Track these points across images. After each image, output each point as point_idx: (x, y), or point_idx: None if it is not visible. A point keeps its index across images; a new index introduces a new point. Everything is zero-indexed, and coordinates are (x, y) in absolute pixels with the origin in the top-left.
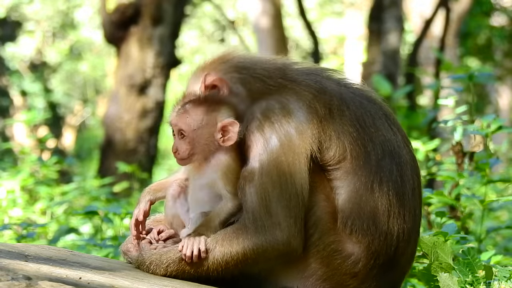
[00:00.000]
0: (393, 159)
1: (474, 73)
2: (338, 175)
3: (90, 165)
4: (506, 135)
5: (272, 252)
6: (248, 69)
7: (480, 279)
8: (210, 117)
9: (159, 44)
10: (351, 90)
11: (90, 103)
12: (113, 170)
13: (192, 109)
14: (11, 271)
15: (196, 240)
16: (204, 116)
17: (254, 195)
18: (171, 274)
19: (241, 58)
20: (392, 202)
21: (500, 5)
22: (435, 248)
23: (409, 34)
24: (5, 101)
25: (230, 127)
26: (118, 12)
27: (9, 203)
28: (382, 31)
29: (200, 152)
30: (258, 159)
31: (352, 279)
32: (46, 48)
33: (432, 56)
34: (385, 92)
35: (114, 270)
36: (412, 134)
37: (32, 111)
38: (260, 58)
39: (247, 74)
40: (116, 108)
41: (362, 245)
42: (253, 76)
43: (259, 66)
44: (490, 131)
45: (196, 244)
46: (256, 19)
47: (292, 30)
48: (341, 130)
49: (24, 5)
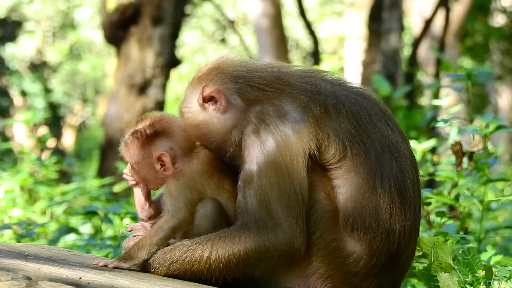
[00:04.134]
0: (392, 154)
1: (472, 73)
2: (340, 174)
3: (90, 165)
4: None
5: (275, 252)
6: (244, 78)
7: (480, 279)
8: (146, 151)
9: (159, 44)
10: (345, 89)
11: (90, 103)
12: (113, 170)
13: (131, 144)
14: (11, 271)
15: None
16: (140, 151)
17: (254, 198)
18: (173, 274)
19: (237, 66)
20: (394, 199)
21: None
22: (435, 248)
23: (409, 34)
24: (5, 101)
25: (164, 158)
26: (118, 12)
27: (9, 203)
28: (382, 31)
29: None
30: (255, 161)
31: (354, 277)
32: (46, 48)
33: (432, 56)
34: (384, 92)
35: (114, 270)
36: (411, 134)
37: (32, 111)
38: (255, 65)
39: (243, 83)
40: (116, 108)
41: (364, 243)
42: (250, 85)
43: (255, 74)
44: (488, 131)
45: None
46: (256, 19)
47: (292, 30)
48: (339, 127)
49: (24, 5)
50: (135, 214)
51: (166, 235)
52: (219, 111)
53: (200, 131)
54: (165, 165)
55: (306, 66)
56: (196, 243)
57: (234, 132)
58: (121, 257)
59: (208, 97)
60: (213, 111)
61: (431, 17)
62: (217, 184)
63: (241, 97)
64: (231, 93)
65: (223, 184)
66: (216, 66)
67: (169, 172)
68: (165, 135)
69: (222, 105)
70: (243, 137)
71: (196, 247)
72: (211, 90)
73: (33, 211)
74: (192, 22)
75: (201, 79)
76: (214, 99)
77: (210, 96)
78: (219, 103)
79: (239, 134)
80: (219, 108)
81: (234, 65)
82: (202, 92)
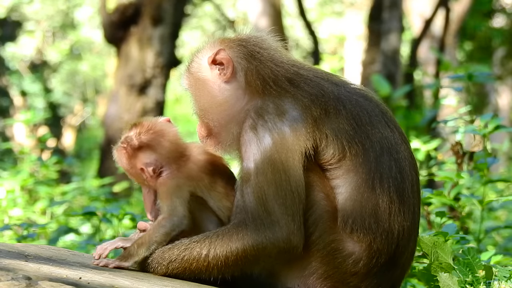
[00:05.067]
0: (391, 155)
1: (473, 73)
2: (339, 174)
3: (90, 165)
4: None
5: (273, 249)
6: (259, 62)
7: (480, 279)
8: (132, 162)
9: (159, 44)
10: (348, 90)
11: (90, 103)
12: (113, 170)
13: (119, 153)
14: (11, 271)
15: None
16: (127, 161)
17: (251, 195)
18: (172, 273)
19: (259, 48)
20: (392, 199)
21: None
22: (435, 248)
23: (409, 34)
24: (5, 101)
25: (146, 168)
26: (118, 12)
27: (9, 203)
28: (382, 31)
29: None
30: (252, 159)
31: (353, 277)
32: (46, 48)
33: (432, 56)
34: (384, 92)
35: (114, 270)
36: (410, 133)
37: (32, 111)
38: (276, 55)
39: (254, 67)
40: (116, 108)
41: (364, 244)
42: (259, 71)
43: (270, 66)
44: (488, 131)
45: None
46: (256, 19)
47: (292, 30)
48: (337, 128)
49: (24, 5)
50: (134, 215)
51: (165, 231)
52: (221, 79)
53: (196, 86)
54: (151, 174)
55: (320, 69)
56: (194, 241)
57: (233, 124)
58: (121, 256)
59: (219, 60)
60: (217, 75)
61: (431, 17)
62: (208, 187)
63: (245, 78)
64: (240, 69)
65: (214, 186)
66: (244, 38)
67: (152, 183)
68: (150, 147)
69: (226, 75)
70: (241, 131)
71: (194, 245)
72: (224, 56)
73: (33, 211)
74: (192, 22)
75: (224, 42)
76: (222, 65)
77: (220, 61)
78: (225, 71)
79: (237, 128)
80: (223, 76)
81: (259, 44)
82: (216, 53)
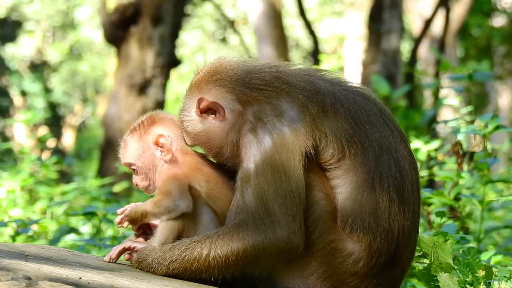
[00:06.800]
0: (390, 154)
1: (473, 73)
2: (339, 174)
3: (90, 165)
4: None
5: (273, 249)
6: (243, 81)
7: (480, 279)
8: (144, 141)
9: (159, 44)
10: (344, 88)
11: (90, 103)
12: (113, 170)
13: (128, 141)
14: (11, 271)
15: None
16: (139, 142)
17: (251, 196)
18: (173, 273)
19: (235, 69)
20: (392, 198)
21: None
22: (435, 248)
23: (409, 34)
24: (5, 101)
25: (160, 139)
26: (118, 12)
27: (9, 203)
28: (382, 31)
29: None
30: (252, 160)
31: (353, 277)
32: (46, 48)
33: (432, 56)
34: (384, 92)
35: (114, 270)
36: (410, 133)
37: (32, 111)
38: (254, 65)
39: (242, 87)
40: (116, 108)
41: (364, 243)
42: (249, 87)
43: (254, 76)
44: (487, 131)
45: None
46: (256, 19)
47: (292, 30)
48: (336, 127)
49: (24, 5)
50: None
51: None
52: (218, 120)
53: (201, 139)
54: (164, 148)
55: (305, 65)
56: (194, 241)
57: (232, 132)
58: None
59: (205, 109)
60: (213, 119)
61: (431, 17)
62: (205, 179)
63: (240, 101)
64: (229, 102)
65: (211, 178)
66: (214, 71)
67: (170, 154)
68: (162, 124)
69: (221, 114)
70: (240, 136)
71: (195, 246)
72: (207, 103)
73: (33, 211)
74: (192, 21)
75: (199, 86)
76: (211, 110)
77: (207, 108)
78: (217, 113)
79: (236, 134)
80: (218, 117)
81: (232, 68)
82: (198, 105)
